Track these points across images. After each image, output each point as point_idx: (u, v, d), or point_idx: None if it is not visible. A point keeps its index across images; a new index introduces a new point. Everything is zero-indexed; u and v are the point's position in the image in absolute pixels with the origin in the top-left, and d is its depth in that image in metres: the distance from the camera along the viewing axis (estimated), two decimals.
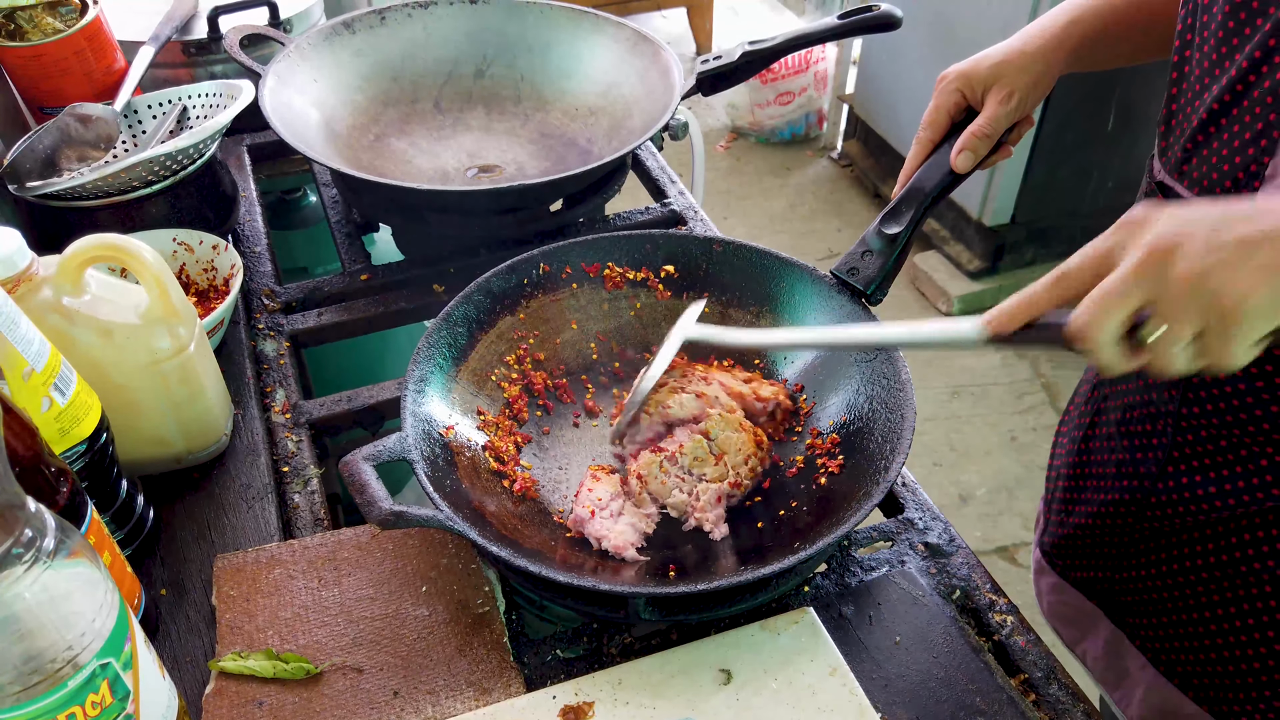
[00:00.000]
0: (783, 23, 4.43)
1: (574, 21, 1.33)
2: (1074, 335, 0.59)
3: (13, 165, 1.04)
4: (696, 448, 0.84)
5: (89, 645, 0.55)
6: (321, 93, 1.25)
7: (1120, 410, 0.88)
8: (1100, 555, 0.93)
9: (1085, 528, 0.94)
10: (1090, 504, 0.94)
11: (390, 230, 1.27)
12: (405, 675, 0.73)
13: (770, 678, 0.72)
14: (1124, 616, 0.93)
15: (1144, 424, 0.85)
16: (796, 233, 3.28)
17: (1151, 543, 0.86)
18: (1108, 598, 0.94)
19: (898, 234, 0.88)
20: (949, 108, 0.89)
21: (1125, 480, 0.88)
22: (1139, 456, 0.85)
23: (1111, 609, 0.94)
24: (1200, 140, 0.73)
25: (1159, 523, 0.85)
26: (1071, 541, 0.97)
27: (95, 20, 1.20)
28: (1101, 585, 0.94)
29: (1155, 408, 0.83)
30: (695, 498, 0.83)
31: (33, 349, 0.68)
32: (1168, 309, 0.55)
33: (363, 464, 0.74)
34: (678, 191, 1.32)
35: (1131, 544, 0.89)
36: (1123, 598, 0.92)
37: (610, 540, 0.79)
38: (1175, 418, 0.80)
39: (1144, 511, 0.86)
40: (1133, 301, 0.56)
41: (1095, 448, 0.93)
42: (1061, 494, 0.99)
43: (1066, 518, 0.98)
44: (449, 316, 0.90)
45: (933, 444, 2.49)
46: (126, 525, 0.81)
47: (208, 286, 1.06)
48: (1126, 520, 0.88)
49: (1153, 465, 0.84)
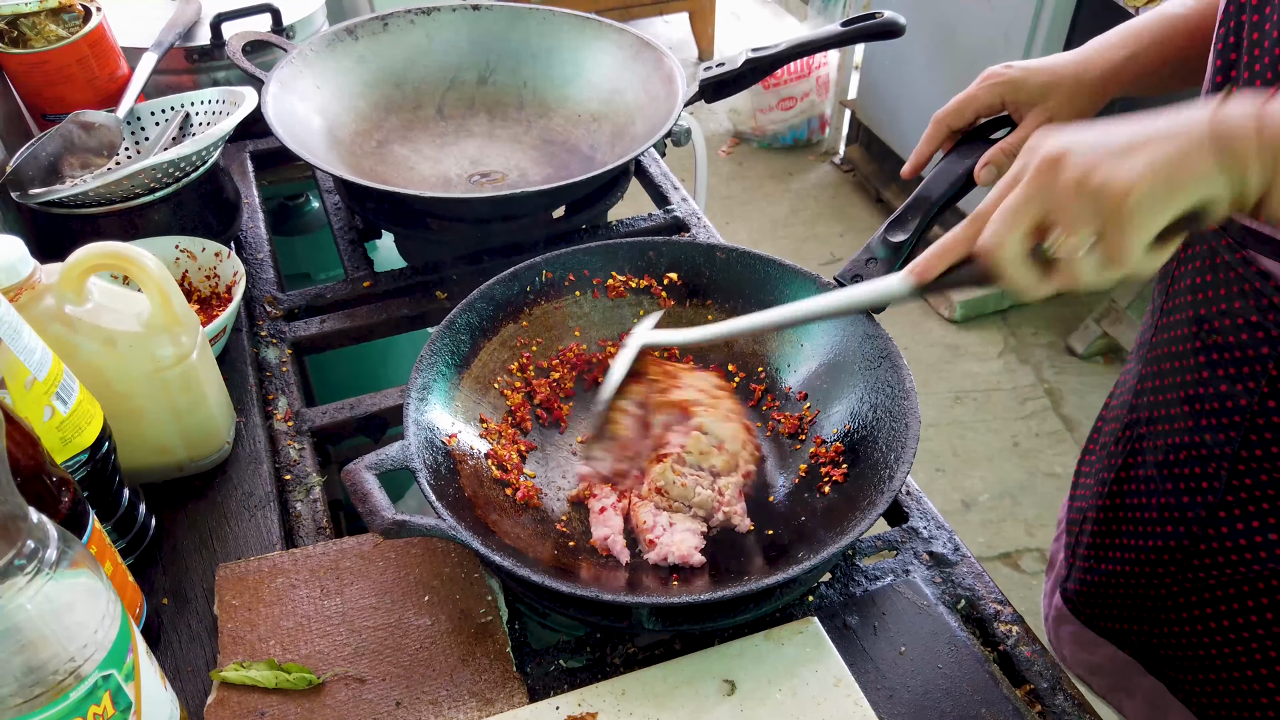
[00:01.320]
0: (784, 28, 4.43)
1: (577, 28, 1.33)
2: (982, 257, 0.60)
3: (15, 172, 1.04)
4: (698, 442, 0.84)
5: (91, 656, 0.54)
6: (324, 99, 1.25)
7: (1164, 452, 0.84)
8: (1136, 606, 0.89)
9: (1119, 575, 0.90)
10: (1126, 550, 0.89)
11: (393, 237, 1.26)
12: (408, 685, 0.73)
13: (774, 688, 0.72)
14: (1165, 670, 0.88)
15: (1193, 466, 0.81)
16: (799, 238, 3.28)
17: (1195, 596, 0.82)
18: (1146, 650, 0.90)
19: (903, 242, 0.88)
20: (980, 107, 0.88)
21: (1169, 526, 0.84)
22: (1185, 501, 0.82)
23: (1150, 661, 0.90)
24: None
25: (1206, 573, 0.81)
26: (1103, 591, 0.93)
27: (98, 27, 1.20)
28: (1138, 637, 0.90)
29: (1208, 449, 0.79)
30: (720, 493, 0.82)
31: (35, 358, 0.68)
32: (1062, 215, 0.57)
33: (365, 472, 0.74)
34: (680, 198, 1.32)
35: (1172, 596, 0.84)
36: (1164, 651, 0.87)
37: (676, 552, 0.78)
38: (1231, 460, 0.76)
39: (1190, 560, 0.82)
40: (1029, 213, 0.58)
41: (1131, 490, 0.89)
42: (1089, 539, 0.95)
43: (1097, 564, 0.93)
44: (452, 324, 0.90)
45: (935, 450, 2.49)
46: (128, 534, 0.81)
47: (210, 294, 1.06)
48: (1169, 569, 0.84)
49: (1202, 510, 0.80)
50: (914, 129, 3.08)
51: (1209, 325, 0.78)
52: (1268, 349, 0.73)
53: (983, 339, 2.84)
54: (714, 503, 0.82)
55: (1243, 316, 0.75)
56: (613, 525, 0.82)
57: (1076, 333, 2.77)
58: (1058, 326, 2.85)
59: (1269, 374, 0.73)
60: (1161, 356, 0.85)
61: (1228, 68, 0.74)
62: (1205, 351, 0.79)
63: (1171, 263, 0.84)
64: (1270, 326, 0.72)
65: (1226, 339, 0.76)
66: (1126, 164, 0.54)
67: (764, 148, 3.75)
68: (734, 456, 0.84)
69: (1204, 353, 0.79)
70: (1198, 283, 0.80)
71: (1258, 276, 0.73)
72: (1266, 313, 0.73)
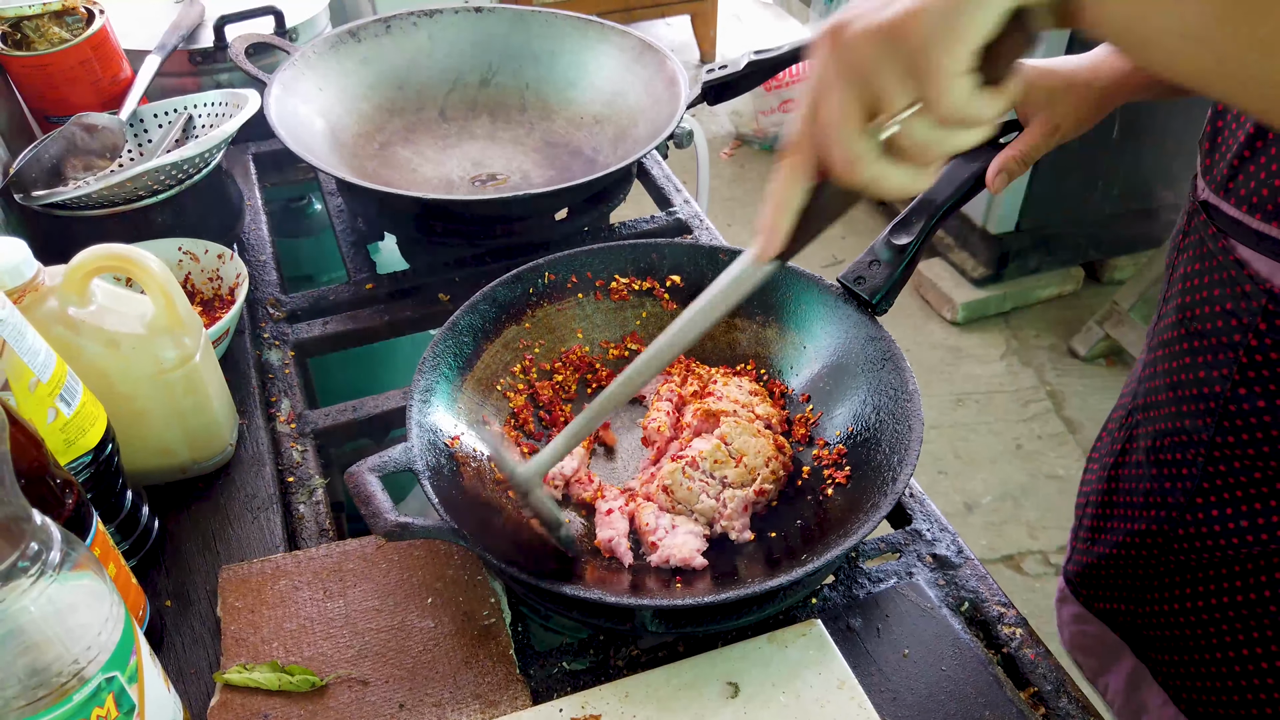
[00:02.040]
0: (787, 30, 4.43)
1: (579, 30, 1.34)
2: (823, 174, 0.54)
3: (19, 175, 1.04)
4: (715, 451, 0.83)
5: (94, 658, 0.54)
6: (327, 101, 1.25)
7: (1151, 437, 0.86)
8: (1125, 586, 0.91)
9: (1110, 557, 0.92)
10: (1116, 533, 0.91)
11: (395, 239, 1.27)
12: (411, 688, 0.73)
13: (778, 691, 0.72)
14: (1147, 651, 0.90)
15: (1174, 452, 0.82)
16: None
17: (1177, 576, 0.84)
18: (1131, 630, 0.92)
19: (906, 245, 0.88)
20: None
21: (1153, 510, 0.85)
22: (1168, 486, 0.83)
23: (1135, 642, 0.92)
24: (1247, 156, 0.71)
25: (1186, 555, 0.82)
26: (1096, 571, 0.95)
27: (101, 30, 1.20)
28: (1125, 617, 0.92)
29: (1187, 435, 0.80)
30: (723, 505, 0.82)
31: (39, 360, 0.68)
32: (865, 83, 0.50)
33: (368, 475, 0.74)
34: (683, 200, 1.32)
35: (1156, 576, 0.86)
36: (1146, 631, 0.89)
37: (678, 554, 0.78)
38: (1208, 446, 0.78)
39: (1170, 544, 0.84)
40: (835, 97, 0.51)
41: (1125, 475, 0.91)
42: (1089, 522, 0.97)
43: (1092, 546, 0.96)
44: (454, 326, 0.90)
45: (938, 452, 2.49)
46: (131, 536, 0.81)
47: (213, 295, 1.06)
48: (1153, 551, 0.86)
49: (1181, 495, 0.81)
50: None
51: (1191, 313, 0.80)
52: (1239, 336, 0.74)
53: (984, 341, 2.84)
54: (715, 513, 0.82)
55: (1219, 304, 0.76)
56: (618, 528, 0.82)
57: (1079, 335, 2.77)
58: (1060, 329, 2.85)
59: (1239, 361, 0.74)
60: (1155, 345, 0.87)
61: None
62: (1188, 339, 0.80)
63: (1174, 253, 0.85)
64: (1243, 314, 0.73)
65: (1204, 326, 0.78)
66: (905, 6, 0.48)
67: (766, 150, 3.75)
68: (752, 471, 0.83)
69: (1186, 339, 0.80)
70: (1187, 271, 0.81)
71: (1234, 265, 0.74)
72: (1239, 300, 0.74)
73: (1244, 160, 0.72)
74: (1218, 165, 0.76)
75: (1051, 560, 2.22)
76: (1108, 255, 2.99)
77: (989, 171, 0.86)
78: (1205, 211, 0.78)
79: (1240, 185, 0.73)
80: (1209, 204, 0.77)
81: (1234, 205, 0.74)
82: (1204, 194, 0.78)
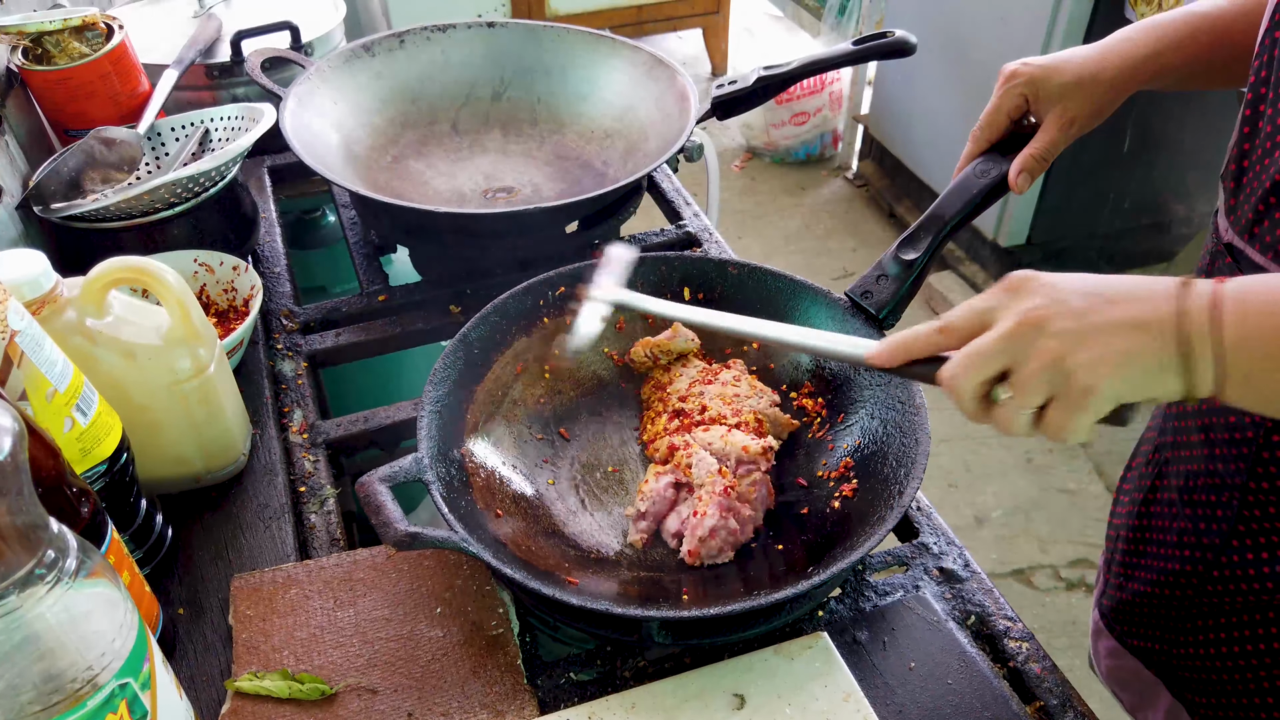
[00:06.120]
0: (798, 44, 4.45)
1: (591, 45, 1.35)
2: (942, 384, 0.63)
3: (38, 187, 1.05)
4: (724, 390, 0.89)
5: (108, 665, 0.55)
6: (341, 115, 1.26)
7: (1184, 478, 0.85)
8: (1159, 625, 0.90)
9: (1144, 595, 0.91)
10: (1150, 570, 0.90)
11: (408, 251, 1.28)
12: (419, 697, 0.74)
13: (784, 703, 0.72)
14: (1184, 691, 0.89)
15: (1208, 494, 0.81)
16: (811, 252, 3.28)
17: (1211, 620, 0.83)
18: (1167, 670, 0.90)
19: (914, 260, 0.88)
20: (1010, 110, 0.87)
21: (1187, 550, 0.84)
22: (1202, 527, 0.82)
23: (1171, 681, 0.90)
24: (1274, 202, 0.70)
25: (1220, 598, 0.81)
26: (1130, 608, 0.94)
27: (120, 45, 1.22)
28: (1160, 656, 0.91)
29: (1220, 479, 0.79)
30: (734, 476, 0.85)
31: (56, 370, 0.69)
32: (1022, 379, 0.58)
33: (379, 485, 0.74)
34: (693, 213, 1.33)
35: (1190, 618, 0.85)
36: (1182, 672, 0.88)
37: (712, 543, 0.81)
38: (1242, 490, 0.77)
39: (1205, 584, 0.82)
40: (996, 365, 0.59)
41: (1156, 512, 0.90)
42: (1121, 557, 0.96)
43: (1126, 582, 0.94)
44: (465, 337, 0.91)
45: (949, 465, 2.48)
46: (145, 544, 0.82)
47: (228, 307, 1.08)
48: (1186, 591, 0.85)
49: (1216, 537, 0.80)
50: (927, 144, 3.09)
51: None
52: None
53: None
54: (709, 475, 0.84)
55: None
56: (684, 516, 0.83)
57: None
58: None
59: None
60: None
61: (1257, 101, 0.73)
62: None
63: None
64: None
65: None
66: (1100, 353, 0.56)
67: (777, 163, 3.76)
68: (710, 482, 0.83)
69: None
70: None
71: None
72: None
73: (1270, 206, 0.70)
74: (1242, 206, 0.74)
75: (1062, 575, 2.21)
76: (1119, 269, 2.98)
77: (1011, 172, 0.86)
78: (1231, 255, 0.76)
79: (1266, 231, 0.71)
80: (1234, 248, 0.75)
81: (1259, 251, 0.72)
82: (1228, 235, 0.76)
